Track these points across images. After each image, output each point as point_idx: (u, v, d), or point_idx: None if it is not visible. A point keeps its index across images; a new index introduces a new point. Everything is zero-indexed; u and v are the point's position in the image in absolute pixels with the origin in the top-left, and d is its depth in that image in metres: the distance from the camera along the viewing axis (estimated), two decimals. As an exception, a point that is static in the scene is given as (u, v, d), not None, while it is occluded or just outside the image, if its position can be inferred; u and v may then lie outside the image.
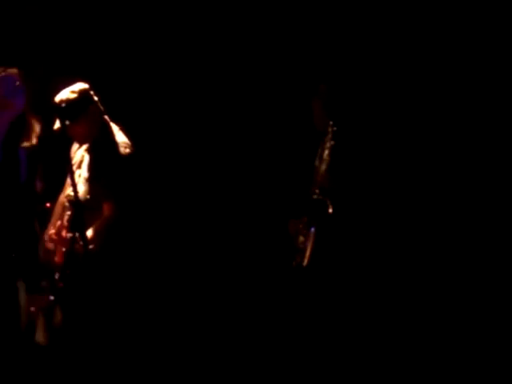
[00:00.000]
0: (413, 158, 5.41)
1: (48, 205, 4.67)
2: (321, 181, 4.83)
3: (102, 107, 4.74)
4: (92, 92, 4.69)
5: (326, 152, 4.82)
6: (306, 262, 4.77)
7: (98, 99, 4.73)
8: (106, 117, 4.77)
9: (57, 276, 4.65)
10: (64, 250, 4.55)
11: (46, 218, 4.75)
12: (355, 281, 4.85)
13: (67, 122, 4.54)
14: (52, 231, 4.67)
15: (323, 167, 4.83)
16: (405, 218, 5.33)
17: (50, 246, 4.69)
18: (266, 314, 5.50)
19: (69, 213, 4.54)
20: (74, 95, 4.61)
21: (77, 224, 4.34)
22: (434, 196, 5.39)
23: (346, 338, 4.88)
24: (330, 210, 4.73)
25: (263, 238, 5.73)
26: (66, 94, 4.64)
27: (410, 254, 5.31)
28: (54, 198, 4.77)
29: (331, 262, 4.79)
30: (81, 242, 4.31)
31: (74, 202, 4.30)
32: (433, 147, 5.40)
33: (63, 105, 4.59)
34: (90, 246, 4.38)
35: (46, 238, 4.72)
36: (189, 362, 5.41)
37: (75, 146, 4.86)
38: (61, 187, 4.84)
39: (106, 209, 4.58)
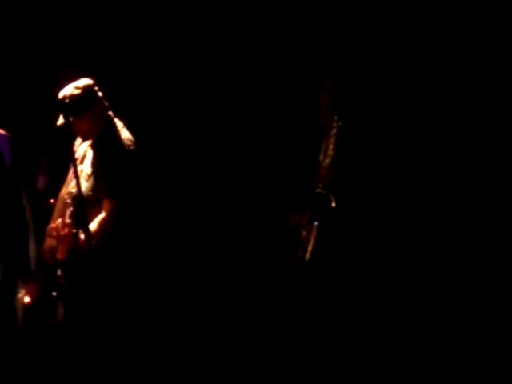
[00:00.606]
0: (416, 154, 5.39)
1: (52, 201, 4.64)
2: (324, 175, 4.83)
3: (106, 103, 4.72)
4: (96, 88, 4.65)
5: (331, 147, 4.82)
6: (308, 256, 4.77)
7: (103, 95, 4.70)
8: (111, 113, 4.74)
9: (59, 272, 4.64)
10: (66, 246, 4.52)
11: (50, 213, 4.74)
12: (357, 275, 4.83)
13: (71, 118, 4.50)
14: (53, 227, 4.62)
15: (327, 162, 4.84)
16: (407, 213, 5.30)
17: (52, 242, 4.65)
18: (268, 308, 5.51)
19: (71, 209, 4.45)
20: (78, 91, 4.58)
21: (79, 220, 4.26)
22: (437, 192, 5.36)
23: (347, 333, 4.87)
24: (333, 205, 4.73)
25: (266, 232, 5.72)
26: (70, 89, 4.61)
27: (412, 250, 5.28)
28: (57, 194, 4.76)
29: (334, 256, 4.78)
30: (82, 237, 4.23)
31: (77, 197, 4.23)
32: (436, 144, 5.38)
33: (67, 100, 4.56)
34: (92, 242, 4.29)
35: (48, 234, 4.69)
36: (188, 356, 5.41)
37: (78, 141, 4.83)
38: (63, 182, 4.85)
39: (107, 205, 4.55)
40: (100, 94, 4.69)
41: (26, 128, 4.95)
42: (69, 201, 4.53)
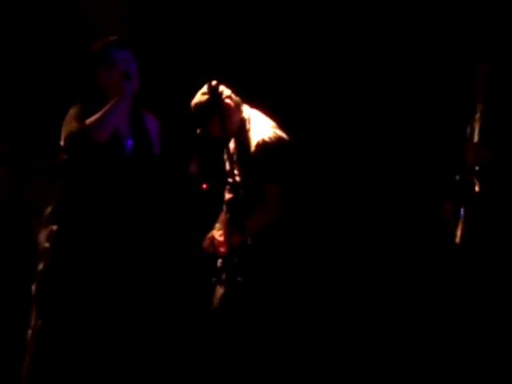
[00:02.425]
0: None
1: (204, 186, 4.69)
2: (472, 157, 4.48)
3: (236, 98, 4.80)
4: (222, 87, 4.66)
5: (476, 131, 4.51)
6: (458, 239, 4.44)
7: (232, 91, 4.78)
8: (245, 106, 4.84)
9: (219, 263, 4.84)
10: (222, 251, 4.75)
11: (202, 198, 4.83)
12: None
13: (206, 124, 4.71)
14: (210, 237, 4.85)
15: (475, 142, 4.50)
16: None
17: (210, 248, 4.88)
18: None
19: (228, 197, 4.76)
20: (205, 96, 4.69)
21: (236, 211, 4.53)
22: None
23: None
24: (477, 189, 4.40)
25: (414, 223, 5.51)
26: (198, 97, 4.78)
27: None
28: (209, 181, 4.79)
29: (484, 245, 4.45)
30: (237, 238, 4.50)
31: (233, 184, 4.48)
32: None
33: (197, 109, 4.75)
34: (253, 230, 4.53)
35: (207, 239, 4.90)
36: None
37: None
38: (216, 170, 4.90)
39: (269, 190, 4.67)
40: (227, 91, 4.76)
41: (177, 114, 5.04)
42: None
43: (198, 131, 4.75)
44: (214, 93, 4.59)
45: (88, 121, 4.08)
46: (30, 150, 5.87)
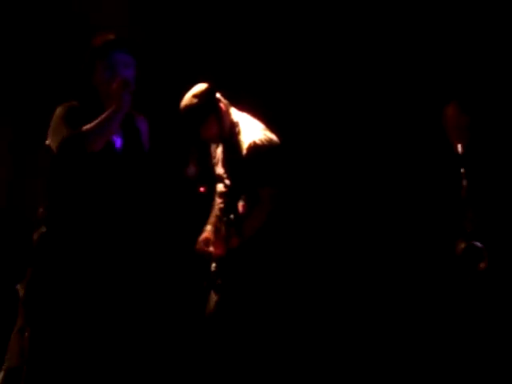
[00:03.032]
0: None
1: (202, 189, 4.60)
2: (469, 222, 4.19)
3: (226, 101, 4.71)
4: (213, 90, 4.62)
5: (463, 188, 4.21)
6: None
7: (221, 94, 4.70)
8: (234, 109, 4.76)
9: (213, 267, 4.77)
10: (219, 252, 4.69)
11: (200, 201, 4.79)
12: None
13: (197, 128, 4.62)
14: (206, 237, 4.79)
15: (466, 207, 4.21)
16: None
17: (209, 235, 4.82)
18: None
19: (221, 205, 4.73)
20: (197, 99, 4.60)
21: (230, 214, 4.50)
22: None
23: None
24: (483, 265, 4.08)
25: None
26: (189, 99, 4.63)
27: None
28: (207, 183, 4.73)
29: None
30: (234, 240, 4.47)
31: (225, 188, 4.51)
32: None
33: (189, 112, 4.61)
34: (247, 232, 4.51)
35: (202, 241, 4.83)
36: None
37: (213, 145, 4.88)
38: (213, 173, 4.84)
39: (262, 193, 4.60)
40: (217, 94, 4.67)
41: (174, 115, 4.89)
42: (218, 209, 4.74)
43: (189, 134, 4.68)
44: (210, 95, 4.59)
45: (84, 128, 3.97)
46: (29, 150, 5.83)
